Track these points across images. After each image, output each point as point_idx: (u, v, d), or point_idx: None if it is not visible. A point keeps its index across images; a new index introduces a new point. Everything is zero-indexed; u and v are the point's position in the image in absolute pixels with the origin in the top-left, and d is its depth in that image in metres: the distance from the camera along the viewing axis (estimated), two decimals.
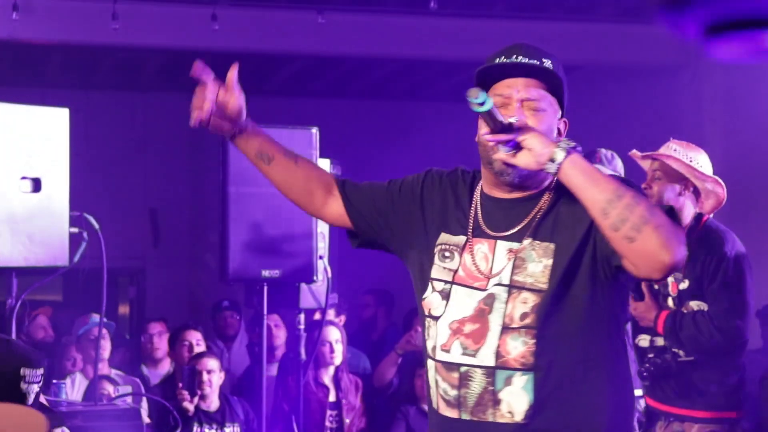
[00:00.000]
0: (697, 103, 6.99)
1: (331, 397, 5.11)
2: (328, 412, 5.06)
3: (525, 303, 2.06)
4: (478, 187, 2.21)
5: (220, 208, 4.29)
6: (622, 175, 4.19)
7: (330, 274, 4.45)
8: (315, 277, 4.31)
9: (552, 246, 2.09)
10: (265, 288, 4.37)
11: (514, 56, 2.12)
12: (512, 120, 2.03)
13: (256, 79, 8.08)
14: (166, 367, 5.83)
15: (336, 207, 2.30)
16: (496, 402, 2.06)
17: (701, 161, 3.79)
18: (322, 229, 4.38)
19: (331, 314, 5.43)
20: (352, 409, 5.11)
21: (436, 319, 2.15)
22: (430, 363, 2.16)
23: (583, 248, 2.06)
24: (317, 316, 5.20)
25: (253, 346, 6.04)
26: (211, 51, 6.65)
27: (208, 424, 4.77)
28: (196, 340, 5.59)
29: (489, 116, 2.01)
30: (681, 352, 3.64)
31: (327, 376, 5.12)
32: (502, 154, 2.05)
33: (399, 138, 8.85)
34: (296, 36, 6.58)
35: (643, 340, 3.78)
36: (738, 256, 3.62)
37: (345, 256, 6.07)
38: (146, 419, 4.59)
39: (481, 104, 1.98)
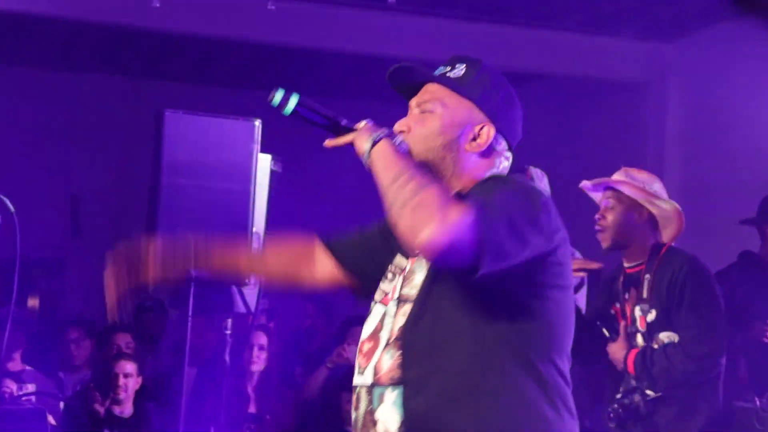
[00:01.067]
0: (660, 121, 7.10)
1: (251, 408, 5.07)
2: (246, 424, 5.03)
3: (405, 315, 2.04)
4: None
5: (150, 199, 4.24)
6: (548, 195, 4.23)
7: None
8: (247, 280, 4.27)
9: None
10: (192, 289, 4.32)
11: (438, 69, 2.16)
12: (360, 124, 2.08)
13: (198, 66, 8.02)
14: (83, 373, 5.74)
15: (325, 268, 2.32)
16: (374, 422, 2.03)
17: (655, 187, 3.84)
18: (258, 228, 4.36)
19: (261, 319, 5.40)
20: (274, 422, 5.08)
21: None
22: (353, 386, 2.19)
23: None
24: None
25: (176, 349, 5.98)
26: (150, 31, 6.59)
27: (119, 431, 4.71)
28: (125, 342, 5.52)
29: (304, 118, 2.02)
30: (650, 392, 3.67)
31: (250, 385, 5.08)
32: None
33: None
34: (244, 22, 6.54)
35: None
36: (703, 275, 3.68)
37: None
38: (51, 421, 4.51)
39: (282, 105, 1.97)
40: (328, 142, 2.12)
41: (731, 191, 6.27)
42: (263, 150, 4.24)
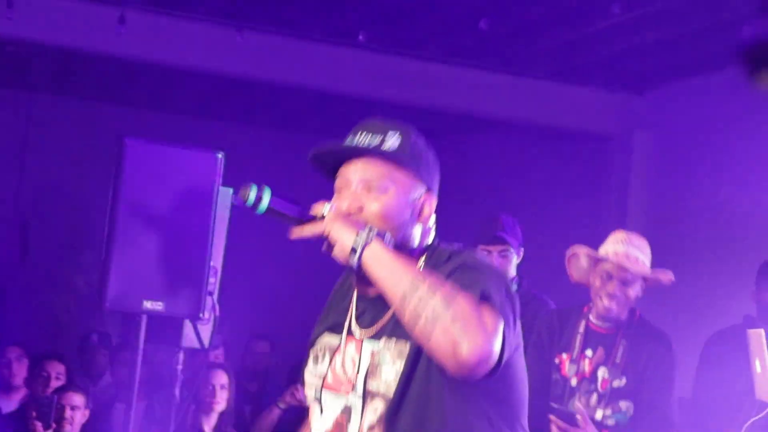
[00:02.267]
0: (624, 173, 7.25)
1: None
2: None
3: (375, 411, 2.05)
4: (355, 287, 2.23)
5: (107, 226, 4.28)
6: (521, 242, 4.33)
7: (218, 313, 4.47)
8: (202, 314, 4.32)
9: (408, 345, 2.04)
10: (144, 320, 4.35)
11: (358, 134, 2.16)
12: (324, 210, 2.08)
13: (161, 93, 8.08)
14: (20, 395, 5.73)
15: None
16: None
17: (649, 257, 3.96)
18: (216, 262, 4.41)
19: (218, 357, 5.43)
20: None
21: (320, 409, 2.17)
22: None
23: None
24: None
25: (121, 383, 5.98)
26: (113, 56, 6.64)
27: None
28: (56, 373, 5.52)
29: (277, 214, 2.04)
30: None
31: (207, 425, 5.11)
32: (326, 245, 2.07)
33: (309, 174, 8.92)
34: (210, 52, 6.62)
35: None
36: (674, 359, 3.83)
37: (235, 295, 6.08)
38: None
39: (257, 203, 1.99)
40: (295, 233, 2.11)
41: (694, 249, 6.42)
42: (224, 183, 4.31)
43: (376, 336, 2.10)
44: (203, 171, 4.28)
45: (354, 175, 2.13)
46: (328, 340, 2.21)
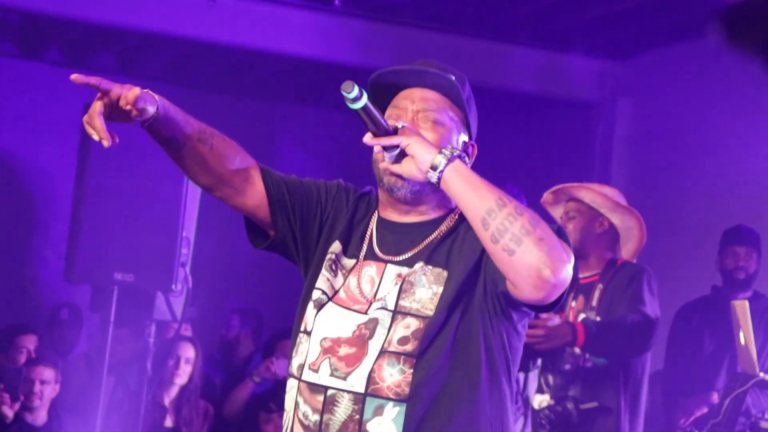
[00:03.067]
0: (607, 140, 7.26)
1: (168, 422, 5.07)
2: None
3: (407, 328, 2.08)
4: (375, 212, 2.25)
5: (74, 198, 4.25)
6: None
7: (191, 284, 4.46)
8: (174, 286, 4.31)
9: (445, 273, 2.12)
10: (116, 293, 4.34)
11: (417, 65, 2.19)
12: (398, 125, 2.08)
13: (128, 61, 8.00)
14: None
15: (254, 196, 2.24)
16: None
17: (616, 196, 4.00)
18: (188, 233, 4.40)
19: (187, 329, 5.42)
20: None
21: (308, 333, 2.16)
22: (292, 383, 2.16)
23: (474, 278, 2.10)
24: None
25: (92, 357, 5.96)
26: (83, 20, 6.56)
27: None
28: (33, 346, 5.48)
29: (367, 116, 2.03)
30: (583, 405, 3.81)
31: (168, 397, 5.09)
32: (386, 162, 2.10)
33: (284, 143, 8.88)
34: (181, 17, 6.55)
35: (542, 401, 3.93)
36: (645, 276, 3.86)
37: (209, 266, 6.05)
38: None
39: (356, 99, 1.99)
40: (371, 140, 2.08)
41: (677, 216, 6.45)
42: None
43: (406, 262, 2.15)
44: None
45: (412, 104, 2.16)
46: (341, 261, 2.22)
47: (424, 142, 2.05)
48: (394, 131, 2.06)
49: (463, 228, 2.15)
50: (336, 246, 2.23)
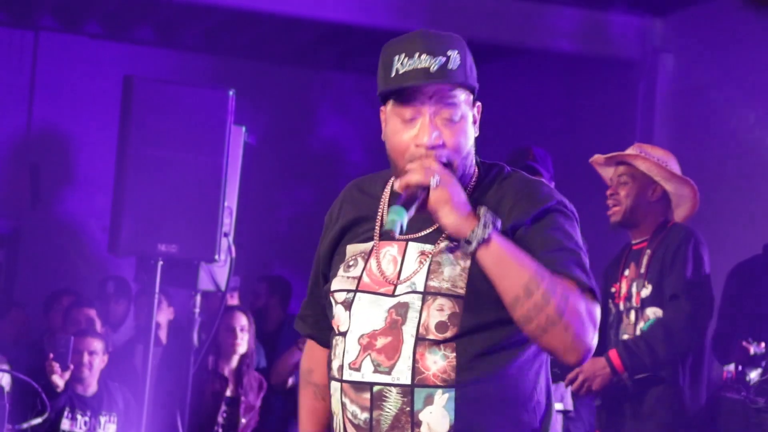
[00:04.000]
0: (650, 99, 7.17)
1: (228, 392, 5.13)
2: (223, 407, 5.09)
3: (441, 311, 2.05)
4: (388, 189, 2.23)
5: (117, 170, 4.27)
6: (552, 174, 4.34)
7: (234, 254, 4.47)
8: (217, 256, 4.33)
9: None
10: (160, 264, 4.37)
11: (417, 55, 2.08)
12: (432, 182, 2.01)
13: (167, 30, 8.01)
14: (37, 348, 5.77)
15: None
16: (416, 424, 2.04)
17: (671, 164, 3.94)
18: (230, 203, 4.41)
19: (233, 299, 5.45)
20: (250, 408, 5.14)
21: (344, 334, 2.13)
22: (335, 386, 2.14)
23: None
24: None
25: (139, 328, 6.03)
26: None
27: (81, 410, 4.76)
28: (87, 318, 5.53)
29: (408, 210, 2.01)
30: (637, 375, 3.78)
31: (228, 367, 5.14)
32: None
33: (322, 111, 8.87)
34: None
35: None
36: (693, 242, 3.80)
37: (251, 235, 6.08)
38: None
39: (397, 231, 1.98)
40: (402, 189, 2.05)
41: (722, 172, 6.37)
42: (236, 122, 4.28)
43: (428, 238, 2.11)
44: (214, 109, 4.26)
45: (427, 105, 2.09)
46: (354, 248, 2.19)
47: (453, 215, 2.00)
48: (426, 194, 2.02)
49: (486, 197, 2.12)
50: (350, 249, 2.21)
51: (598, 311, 2.01)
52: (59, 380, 4.60)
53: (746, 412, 4.22)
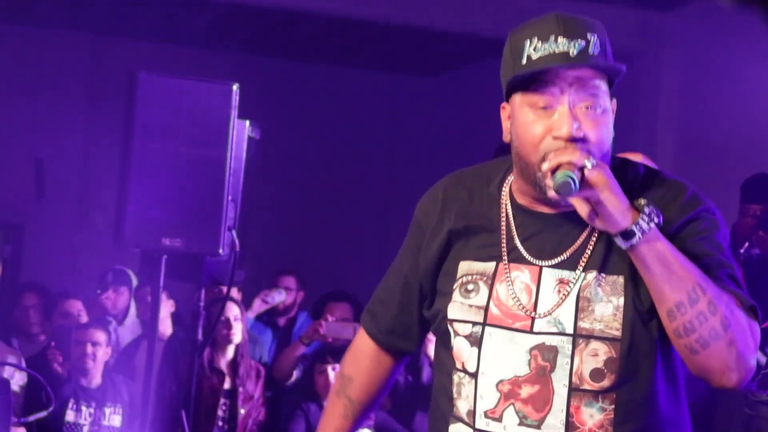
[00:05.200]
0: (654, 94, 7.17)
1: (226, 384, 5.14)
2: (222, 400, 5.11)
3: (596, 356, 1.81)
4: (505, 193, 1.92)
5: (122, 163, 4.28)
6: None
7: (238, 248, 4.47)
8: (221, 250, 4.33)
9: (621, 279, 1.82)
10: (164, 258, 4.37)
11: (552, 38, 1.80)
12: (587, 163, 1.74)
13: (170, 24, 8.02)
14: (39, 342, 5.79)
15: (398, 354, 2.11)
16: None
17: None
18: (234, 197, 4.41)
19: (235, 293, 5.47)
20: (249, 398, 5.15)
21: (473, 375, 1.87)
22: (461, 429, 1.90)
23: None
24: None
25: (143, 321, 6.04)
26: None
27: (86, 401, 4.77)
28: (77, 310, 5.57)
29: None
30: None
31: (224, 360, 5.15)
32: (554, 192, 1.76)
33: (327, 105, 8.87)
34: None
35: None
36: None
37: (256, 229, 6.09)
38: (16, 389, 4.58)
39: (573, 192, 1.71)
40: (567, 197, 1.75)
41: (725, 167, 6.37)
42: (241, 116, 4.28)
43: (567, 264, 1.83)
44: (218, 103, 4.25)
45: (567, 93, 1.79)
46: (469, 266, 1.89)
47: (616, 200, 1.73)
48: (581, 175, 1.73)
49: (627, 191, 1.80)
50: (463, 267, 1.90)
51: (758, 331, 1.78)
52: (59, 368, 4.63)
53: (746, 404, 4.21)
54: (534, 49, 1.80)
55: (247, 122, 4.49)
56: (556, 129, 1.78)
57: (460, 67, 8.56)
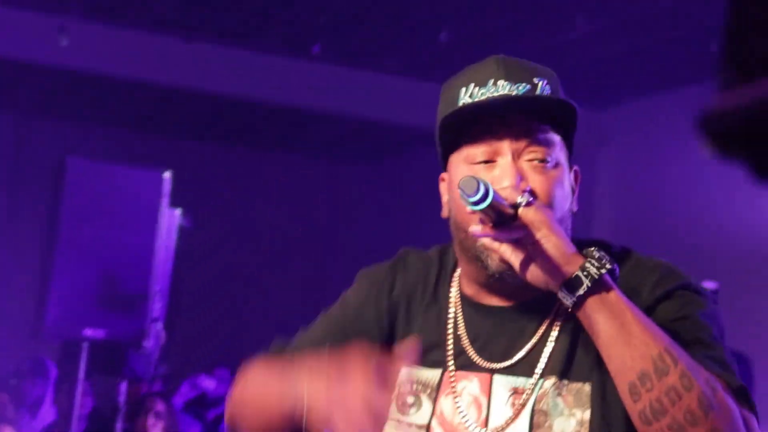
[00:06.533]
0: (590, 190, 7.28)
1: None
2: None
3: None
4: (454, 286, 1.60)
5: (46, 248, 4.19)
6: None
7: (164, 341, 4.40)
8: (146, 342, 4.24)
9: (587, 387, 1.47)
10: (86, 348, 4.27)
11: (491, 82, 1.52)
12: (519, 200, 1.42)
13: (99, 106, 7.96)
14: None
15: None
16: None
17: None
18: (162, 287, 4.34)
19: (158, 387, 5.35)
20: None
21: None
22: None
23: None
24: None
25: (61, 414, 5.86)
26: (52, 68, 6.53)
27: None
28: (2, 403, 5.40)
29: (491, 210, 1.40)
30: None
31: None
32: (504, 249, 1.43)
33: (264, 192, 8.83)
34: (156, 63, 6.54)
35: None
36: None
37: (183, 321, 5.97)
38: None
39: (481, 200, 1.37)
40: (488, 232, 1.42)
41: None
42: (173, 203, 4.23)
43: (522, 368, 1.51)
44: (148, 191, 4.21)
45: (508, 141, 1.49)
46: (418, 375, 1.58)
47: (557, 240, 1.40)
48: (513, 212, 1.41)
49: None
50: (401, 374, 1.54)
51: (755, 423, 1.38)
52: None
53: None
54: (470, 96, 1.51)
55: (178, 210, 4.44)
56: (496, 184, 1.43)
57: (400, 154, 8.61)
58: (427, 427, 1.54)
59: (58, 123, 8.16)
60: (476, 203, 1.36)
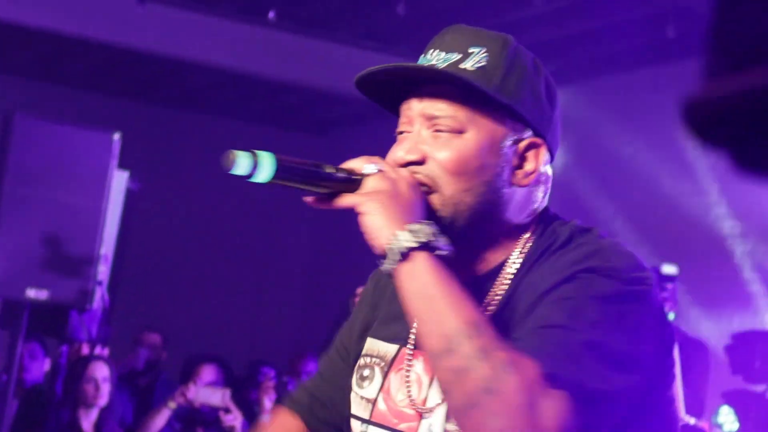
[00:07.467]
0: None
1: None
2: None
3: None
4: None
5: None
6: None
7: (107, 304, 4.39)
8: (89, 305, 4.24)
9: None
10: (27, 309, 4.25)
11: (430, 53, 1.51)
12: (366, 168, 1.45)
13: (49, 65, 7.89)
14: None
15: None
16: None
17: None
18: (107, 250, 4.33)
19: (102, 350, 5.34)
20: None
21: None
22: None
23: None
24: (85, 349, 5.10)
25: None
26: (3, 22, 6.46)
27: None
28: None
29: (289, 180, 1.46)
30: None
31: (87, 420, 5.02)
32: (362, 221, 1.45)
33: (210, 158, 8.81)
34: (105, 21, 6.49)
35: None
36: None
37: (128, 285, 5.97)
38: None
39: (253, 172, 1.42)
40: (313, 202, 1.48)
41: None
42: (121, 165, 4.22)
43: None
44: (97, 152, 4.19)
45: (416, 110, 1.49)
46: (376, 345, 1.60)
47: (383, 210, 1.38)
48: (351, 178, 1.43)
49: (528, 280, 1.47)
50: (368, 344, 1.61)
51: (560, 409, 1.28)
52: None
53: None
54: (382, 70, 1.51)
55: (126, 173, 4.43)
56: (391, 154, 1.49)
57: (350, 126, 8.62)
58: (374, 402, 1.55)
59: (7, 78, 8.07)
60: (247, 176, 1.42)
